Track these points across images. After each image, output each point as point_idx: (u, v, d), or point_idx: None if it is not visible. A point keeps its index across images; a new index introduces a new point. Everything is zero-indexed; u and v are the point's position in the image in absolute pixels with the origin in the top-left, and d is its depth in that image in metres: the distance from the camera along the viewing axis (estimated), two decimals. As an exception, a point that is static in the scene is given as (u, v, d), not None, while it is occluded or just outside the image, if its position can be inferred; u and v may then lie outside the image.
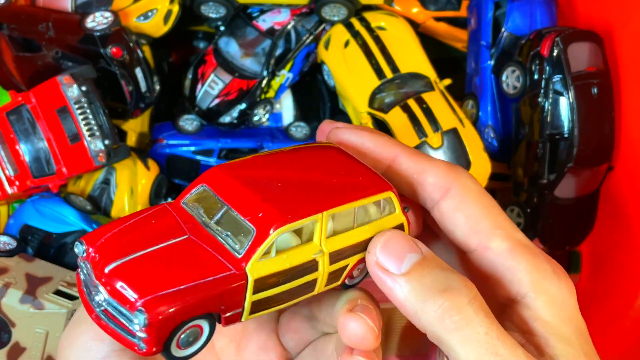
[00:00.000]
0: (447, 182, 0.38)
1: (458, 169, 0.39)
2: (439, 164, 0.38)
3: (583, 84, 0.77)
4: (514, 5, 0.86)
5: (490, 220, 0.37)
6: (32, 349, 0.68)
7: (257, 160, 0.37)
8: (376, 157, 0.39)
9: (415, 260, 0.34)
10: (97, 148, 0.76)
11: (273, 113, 0.95)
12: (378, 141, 0.39)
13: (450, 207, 0.37)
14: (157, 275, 0.31)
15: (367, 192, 0.36)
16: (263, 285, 0.33)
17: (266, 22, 0.91)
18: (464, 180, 0.38)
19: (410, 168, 0.38)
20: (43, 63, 0.82)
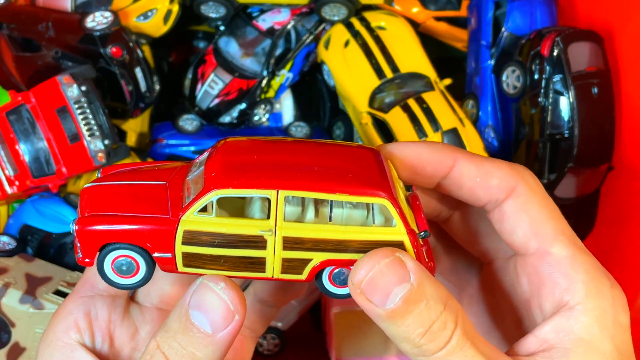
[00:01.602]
0: (511, 182, 0.37)
1: (521, 168, 0.38)
2: (501, 164, 0.38)
3: (583, 83, 0.77)
4: (514, 5, 0.86)
5: (554, 225, 0.37)
6: (31, 349, 0.68)
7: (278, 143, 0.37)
8: (435, 164, 0.38)
9: (401, 295, 0.32)
10: (97, 148, 0.76)
11: (273, 113, 0.95)
12: (435, 148, 0.38)
13: (514, 207, 0.37)
14: (108, 201, 0.36)
15: (348, 190, 0.34)
16: (195, 239, 0.34)
17: (266, 21, 0.91)
18: (528, 180, 0.37)
19: (472, 171, 0.38)
20: (43, 63, 0.82)
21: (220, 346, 0.34)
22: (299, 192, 0.33)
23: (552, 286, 0.36)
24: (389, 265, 0.33)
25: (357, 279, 0.33)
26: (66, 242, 0.78)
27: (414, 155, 0.38)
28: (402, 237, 0.34)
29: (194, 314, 0.34)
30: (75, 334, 0.38)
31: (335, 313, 0.81)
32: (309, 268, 0.35)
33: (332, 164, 0.35)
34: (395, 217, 0.34)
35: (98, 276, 0.37)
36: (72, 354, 0.37)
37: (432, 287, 0.33)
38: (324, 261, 0.35)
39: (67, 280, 0.71)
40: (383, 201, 0.34)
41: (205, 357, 0.34)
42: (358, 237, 0.34)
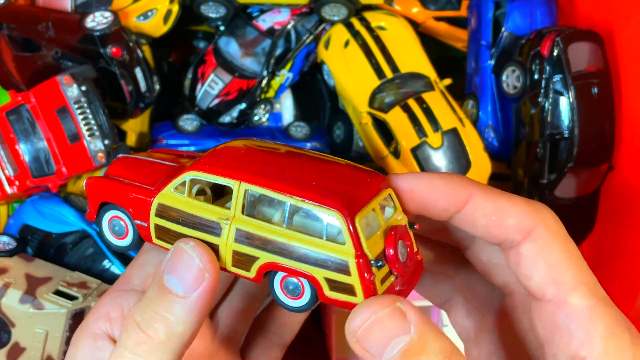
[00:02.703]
0: (529, 223, 0.35)
1: (541, 208, 0.36)
2: (519, 202, 0.35)
3: (583, 83, 0.77)
4: (514, 5, 0.86)
5: (573, 272, 0.34)
6: (31, 349, 0.68)
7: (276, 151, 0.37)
8: (449, 198, 0.35)
9: (399, 348, 0.31)
10: (97, 148, 0.76)
11: (273, 113, 0.95)
12: (450, 181, 0.36)
13: (532, 251, 0.35)
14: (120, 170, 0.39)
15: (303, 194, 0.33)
16: (165, 213, 0.36)
17: (266, 21, 0.90)
18: (548, 221, 0.35)
19: (488, 208, 0.35)
20: (43, 63, 0.82)
21: (193, 308, 0.34)
22: (258, 187, 0.34)
23: (569, 338, 0.34)
24: (388, 315, 0.31)
25: (354, 327, 0.31)
26: (66, 242, 0.78)
27: (427, 187, 0.36)
28: (348, 257, 0.32)
29: (168, 278, 0.34)
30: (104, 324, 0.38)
31: (335, 313, 0.81)
32: (256, 267, 0.34)
33: (307, 171, 0.35)
34: (346, 235, 0.32)
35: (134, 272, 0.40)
36: (96, 343, 0.37)
37: (434, 340, 0.31)
38: (268, 263, 0.34)
39: (67, 280, 0.71)
40: (334, 214, 0.32)
41: (177, 320, 0.33)
42: (303, 245, 0.33)
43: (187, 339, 0.34)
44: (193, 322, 0.34)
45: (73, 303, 0.69)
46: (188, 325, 0.34)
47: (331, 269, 0.33)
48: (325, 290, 0.33)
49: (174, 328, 0.34)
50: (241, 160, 0.36)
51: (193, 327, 0.34)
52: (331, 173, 0.35)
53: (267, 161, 0.36)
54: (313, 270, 0.33)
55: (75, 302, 0.69)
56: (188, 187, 0.36)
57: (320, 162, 0.36)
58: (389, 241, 0.33)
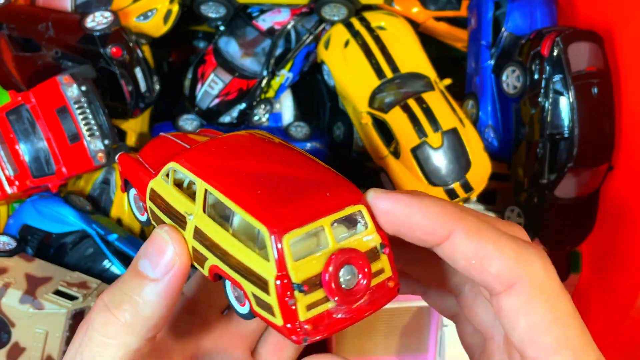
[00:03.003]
0: (512, 276, 0.31)
1: (530, 257, 0.31)
2: (505, 248, 0.31)
3: (583, 83, 0.77)
4: (514, 5, 0.86)
5: (558, 335, 0.31)
6: (31, 349, 0.68)
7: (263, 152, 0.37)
8: (426, 231, 0.32)
9: None
10: (97, 148, 0.76)
11: (273, 113, 0.95)
12: (429, 213, 0.32)
13: (513, 306, 0.31)
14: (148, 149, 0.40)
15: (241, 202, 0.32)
16: (153, 198, 0.37)
17: (266, 21, 0.90)
18: (535, 275, 0.31)
19: (469, 250, 0.31)
20: (43, 63, 0.82)
21: (162, 292, 0.33)
22: (213, 189, 0.33)
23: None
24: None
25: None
26: (66, 242, 0.78)
27: (404, 214, 0.32)
28: (269, 277, 0.30)
29: (141, 262, 0.34)
30: None
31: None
32: (207, 267, 0.34)
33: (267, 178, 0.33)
34: (270, 252, 0.30)
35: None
36: None
37: None
38: (213, 265, 0.33)
39: (67, 280, 0.71)
40: (262, 228, 0.30)
41: (145, 302, 0.33)
42: (236, 255, 0.32)
43: (154, 323, 0.34)
44: (161, 306, 0.33)
45: (73, 303, 0.68)
46: (155, 309, 0.33)
47: (256, 285, 0.31)
48: (253, 305, 0.32)
49: (141, 310, 0.33)
50: (215, 158, 0.35)
51: (160, 311, 0.33)
52: (294, 181, 0.33)
53: (239, 161, 0.35)
54: (243, 282, 0.32)
55: (75, 302, 0.69)
56: (171, 176, 0.36)
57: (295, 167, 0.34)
58: (326, 265, 0.31)
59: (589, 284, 0.88)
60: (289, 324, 0.30)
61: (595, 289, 0.86)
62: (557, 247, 0.85)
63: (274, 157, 0.36)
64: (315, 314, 0.31)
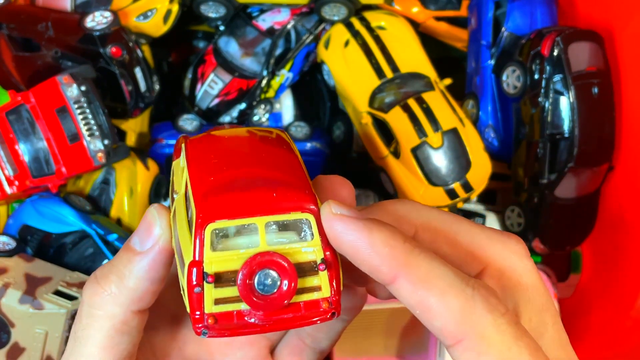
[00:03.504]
0: (458, 332, 0.29)
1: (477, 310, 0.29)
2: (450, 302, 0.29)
3: (583, 83, 0.77)
4: (514, 4, 0.86)
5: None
6: (31, 349, 0.68)
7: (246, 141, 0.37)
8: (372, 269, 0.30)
9: None
10: (97, 148, 0.76)
11: (273, 113, 0.95)
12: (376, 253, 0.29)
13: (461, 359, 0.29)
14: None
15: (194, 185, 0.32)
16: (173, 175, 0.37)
17: (266, 21, 0.90)
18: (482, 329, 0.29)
19: (412, 302, 0.30)
20: (42, 63, 0.82)
21: (147, 264, 0.33)
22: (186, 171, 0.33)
23: None
24: None
25: None
26: (66, 242, 0.78)
27: (350, 246, 0.30)
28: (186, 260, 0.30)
29: (133, 239, 0.34)
30: None
31: (335, 313, 0.81)
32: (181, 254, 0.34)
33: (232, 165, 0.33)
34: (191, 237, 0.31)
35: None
36: None
37: None
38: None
39: (66, 281, 0.71)
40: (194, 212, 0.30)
41: (130, 273, 0.33)
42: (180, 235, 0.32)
43: (138, 295, 0.34)
44: (145, 279, 0.34)
45: (73, 303, 0.68)
46: (140, 281, 0.34)
47: (181, 266, 0.32)
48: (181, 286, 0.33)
49: (127, 281, 0.34)
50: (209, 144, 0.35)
51: (145, 283, 0.34)
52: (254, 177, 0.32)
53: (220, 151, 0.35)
54: (179, 263, 0.33)
55: (75, 302, 0.69)
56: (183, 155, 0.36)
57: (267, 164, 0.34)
58: (244, 265, 0.30)
59: (589, 284, 0.88)
60: (196, 313, 0.30)
61: (595, 289, 0.86)
62: (557, 247, 0.85)
63: (251, 154, 0.35)
64: (222, 310, 0.30)
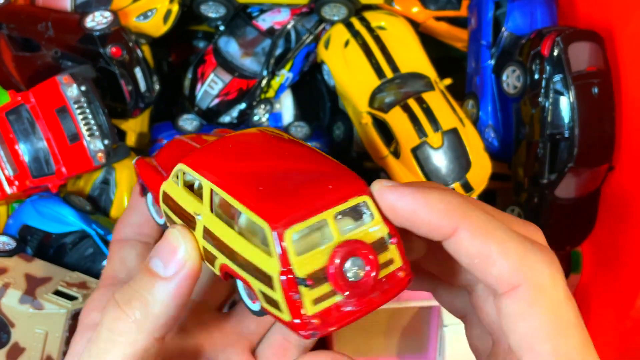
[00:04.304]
0: (515, 279, 0.30)
1: (536, 260, 0.30)
2: (510, 249, 0.30)
3: (584, 83, 0.77)
4: (514, 4, 0.86)
5: (556, 345, 0.30)
6: (31, 349, 0.68)
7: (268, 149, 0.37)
8: (431, 227, 0.31)
9: None
10: (97, 148, 0.76)
11: (273, 113, 0.95)
12: (434, 209, 0.31)
13: (513, 309, 0.30)
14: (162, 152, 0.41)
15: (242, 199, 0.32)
16: (166, 200, 0.37)
17: (266, 21, 0.90)
18: (539, 279, 0.30)
19: (473, 249, 0.31)
20: (42, 63, 0.81)
21: (173, 290, 0.33)
22: (217, 188, 0.33)
23: None
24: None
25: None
26: (66, 242, 0.78)
27: (408, 210, 0.32)
28: (272, 272, 0.30)
29: (153, 260, 0.34)
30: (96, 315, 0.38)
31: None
32: (217, 265, 0.34)
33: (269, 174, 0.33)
34: (272, 248, 0.30)
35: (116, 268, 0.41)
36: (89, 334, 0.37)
37: None
38: (223, 264, 0.33)
39: (66, 281, 0.71)
40: (262, 224, 0.30)
41: (155, 300, 0.33)
42: (243, 252, 0.32)
43: (163, 322, 0.33)
44: (171, 305, 0.33)
45: (73, 303, 0.68)
46: (165, 308, 0.33)
47: (262, 281, 0.31)
48: (262, 301, 0.32)
49: (151, 308, 0.33)
50: (221, 157, 0.35)
51: (171, 310, 0.33)
52: (297, 176, 0.33)
53: (244, 159, 0.35)
54: (251, 280, 0.32)
55: (75, 302, 0.69)
56: (181, 178, 0.36)
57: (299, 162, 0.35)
58: (331, 258, 0.31)
59: (589, 284, 0.88)
60: (296, 319, 0.30)
61: (595, 289, 0.86)
62: (557, 247, 0.85)
63: (278, 153, 0.36)
64: (322, 308, 0.31)
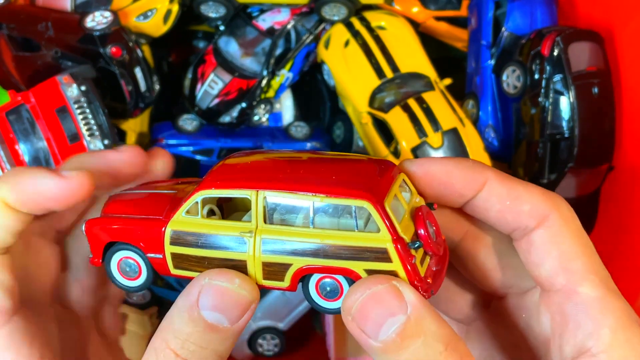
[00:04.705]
0: (544, 210, 0.34)
1: (556, 197, 0.35)
2: (534, 190, 0.35)
3: (584, 83, 0.77)
4: (514, 4, 0.86)
5: (585, 262, 0.33)
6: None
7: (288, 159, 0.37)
8: (465, 182, 0.35)
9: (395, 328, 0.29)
10: (97, 148, 0.76)
11: (273, 113, 0.95)
12: (465, 166, 0.35)
13: (544, 238, 0.34)
14: (118, 208, 0.38)
15: (327, 190, 0.32)
16: (181, 239, 0.35)
17: (266, 21, 0.90)
18: (563, 210, 0.35)
19: (503, 194, 0.35)
20: (42, 63, 0.81)
21: (239, 334, 0.33)
22: (278, 192, 0.33)
23: (576, 328, 0.33)
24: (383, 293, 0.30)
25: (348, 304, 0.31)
26: (66, 242, 0.78)
27: (443, 171, 0.35)
28: (385, 244, 0.32)
29: (208, 314, 0.33)
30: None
31: (335, 313, 0.81)
32: (290, 274, 0.34)
33: (321, 170, 0.34)
34: (378, 221, 0.32)
35: None
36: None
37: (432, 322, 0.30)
38: (303, 267, 0.33)
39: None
40: (363, 203, 0.32)
41: (226, 349, 0.33)
42: (338, 242, 0.32)
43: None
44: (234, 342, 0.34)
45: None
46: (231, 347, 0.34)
47: (370, 259, 0.32)
48: None
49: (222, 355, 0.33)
50: (251, 171, 0.35)
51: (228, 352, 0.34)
52: (344, 168, 0.35)
53: (276, 167, 0.35)
54: (351, 264, 0.32)
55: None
56: (201, 208, 0.35)
57: (328, 160, 0.36)
58: (418, 221, 0.33)
59: (589, 284, 0.87)
60: (416, 281, 0.32)
61: (596, 289, 0.86)
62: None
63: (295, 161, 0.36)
64: (425, 269, 0.33)
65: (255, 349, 0.92)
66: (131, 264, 0.37)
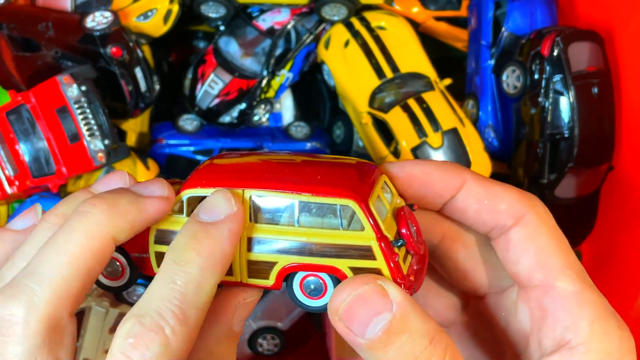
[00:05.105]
0: (520, 209, 0.35)
1: (532, 196, 0.36)
2: (511, 189, 0.36)
3: (583, 83, 0.77)
4: (514, 4, 0.86)
5: (562, 258, 0.35)
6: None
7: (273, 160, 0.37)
8: (444, 183, 0.36)
9: (382, 326, 0.30)
10: (97, 148, 0.76)
11: (273, 113, 0.95)
12: (444, 167, 0.37)
13: (522, 236, 0.35)
14: None
15: (312, 189, 0.33)
16: (165, 238, 0.35)
17: (266, 21, 0.90)
18: (538, 209, 0.36)
19: (481, 194, 0.36)
20: (43, 63, 0.82)
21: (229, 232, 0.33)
22: (264, 191, 0.33)
23: (554, 322, 0.34)
24: (369, 293, 0.31)
25: (335, 304, 0.31)
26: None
27: (423, 173, 0.36)
28: (370, 242, 0.33)
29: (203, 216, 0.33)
30: None
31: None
32: (275, 272, 0.34)
33: (307, 170, 0.35)
34: (363, 220, 0.33)
35: None
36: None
37: (417, 318, 0.31)
38: (288, 265, 0.34)
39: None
40: (348, 202, 0.33)
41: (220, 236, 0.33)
42: (323, 240, 0.33)
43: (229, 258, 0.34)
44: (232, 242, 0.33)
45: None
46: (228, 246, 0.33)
47: (355, 257, 0.33)
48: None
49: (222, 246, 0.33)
50: (238, 170, 0.35)
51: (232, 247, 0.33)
52: (329, 169, 0.35)
53: (263, 168, 0.35)
54: (336, 262, 0.33)
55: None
56: (186, 207, 0.35)
57: (316, 162, 0.36)
58: (401, 221, 0.34)
59: (589, 284, 0.87)
60: (399, 278, 0.33)
61: (596, 289, 0.86)
62: (557, 247, 0.85)
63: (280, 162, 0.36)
64: (407, 267, 0.34)
65: (255, 348, 0.92)
66: (113, 263, 0.36)
